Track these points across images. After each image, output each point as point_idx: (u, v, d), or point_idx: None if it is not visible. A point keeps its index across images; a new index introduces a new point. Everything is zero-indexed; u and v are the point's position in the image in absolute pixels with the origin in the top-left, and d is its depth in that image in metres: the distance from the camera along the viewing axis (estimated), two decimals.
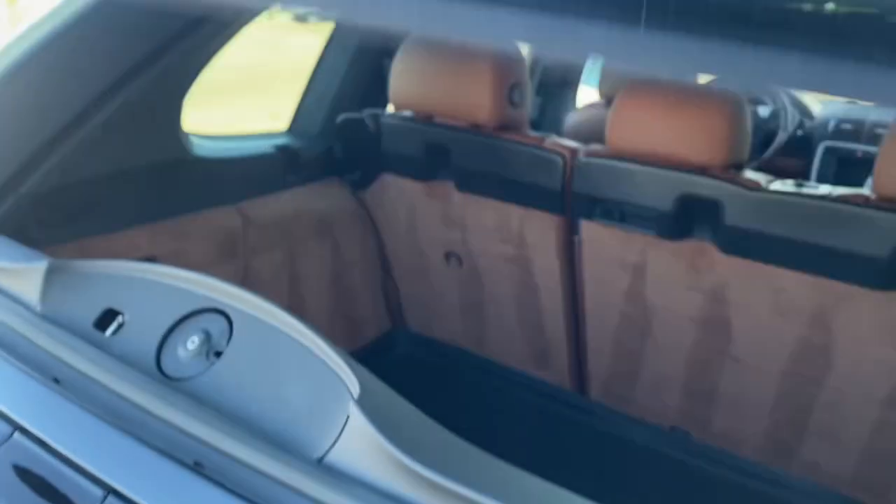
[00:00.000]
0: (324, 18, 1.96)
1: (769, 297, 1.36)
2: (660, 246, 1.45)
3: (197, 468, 0.63)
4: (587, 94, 2.87)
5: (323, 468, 0.65)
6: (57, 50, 1.19)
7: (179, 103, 1.40)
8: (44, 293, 0.79)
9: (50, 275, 0.80)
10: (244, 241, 1.58)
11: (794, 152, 3.06)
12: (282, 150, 1.72)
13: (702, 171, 1.36)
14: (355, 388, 0.67)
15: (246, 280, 1.61)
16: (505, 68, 1.53)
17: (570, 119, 2.50)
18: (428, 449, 0.65)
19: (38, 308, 0.79)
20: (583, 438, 1.76)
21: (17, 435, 0.68)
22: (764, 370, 1.45)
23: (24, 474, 0.70)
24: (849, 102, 3.26)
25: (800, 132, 3.01)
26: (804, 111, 3.08)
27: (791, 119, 3.00)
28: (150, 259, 1.41)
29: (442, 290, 1.91)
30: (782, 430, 1.49)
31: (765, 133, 3.00)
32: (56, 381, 0.71)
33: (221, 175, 1.56)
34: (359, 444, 0.64)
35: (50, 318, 0.78)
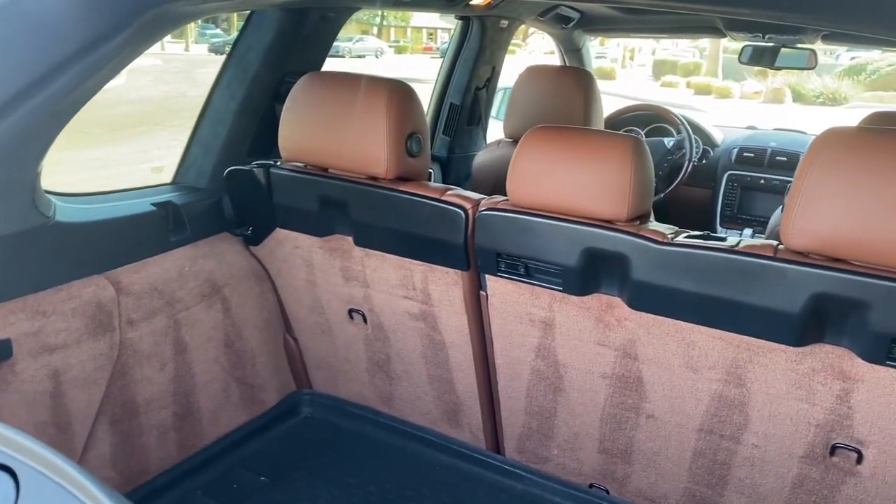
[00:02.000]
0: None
1: (681, 353, 1.31)
2: (567, 301, 1.39)
3: None
4: (497, 128, 2.83)
5: None
6: None
7: (35, 165, 1.24)
8: None
9: None
10: (118, 312, 1.43)
11: (699, 181, 3.10)
12: (163, 206, 1.58)
13: (606, 224, 1.30)
14: None
15: (122, 355, 1.45)
16: (403, 117, 1.44)
17: (479, 158, 2.44)
18: None
19: None
20: (498, 498, 1.67)
21: None
22: (680, 427, 1.40)
23: None
24: (748, 128, 3.35)
25: (704, 161, 3.05)
26: (707, 140, 3.13)
27: (695, 148, 3.04)
28: (3, 342, 1.24)
29: (346, 348, 1.80)
30: (702, 487, 1.44)
31: (671, 164, 3.03)
32: None
33: (90, 241, 1.40)
34: None
35: None
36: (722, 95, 17.83)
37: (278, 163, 1.65)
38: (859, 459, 1.23)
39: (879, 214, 1.04)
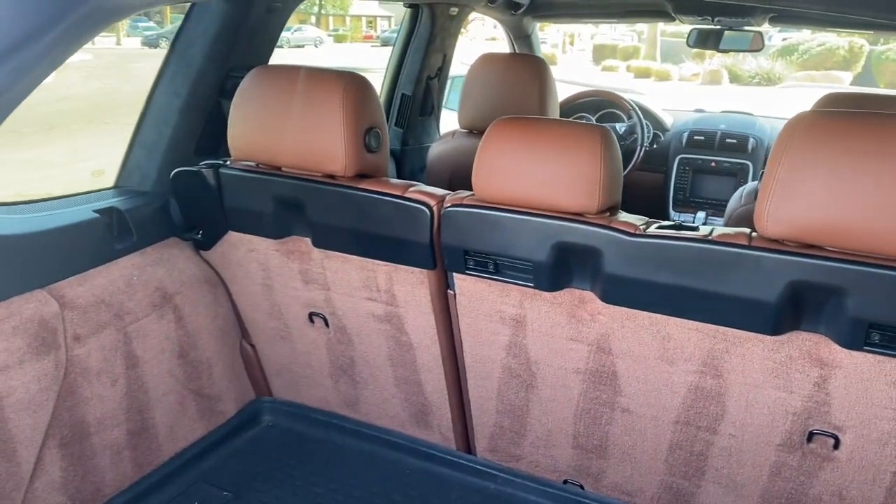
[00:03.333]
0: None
1: (656, 346, 1.28)
2: (538, 297, 1.35)
3: None
4: (450, 118, 2.78)
5: None
6: None
7: None
8: None
9: None
10: (63, 328, 1.33)
11: (651, 166, 3.11)
12: (106, 213, 1.48)
13: (576, 217, 1.27)
14: None
15: (69, 373, 1.36)
16: (360, 111, 1.38)
17: (434, 149, 2.38)
18: None
19: None
20: (472, 500, 1.64)
21: None
22: (656, 419, 1.38)
23: None
24: (696, 111, 3.37)
25: (655, 146, 3.06)
26: (658, 125, 3.14)
27: (647, 133, 3.04)
28: None
29: (308, 353, 1.73)
30: (679, 479, 1.43)
31: (623, 149, 3.03)
32: None
33: (28, 253, 1.30)
34: None
35: None
36: (661, 78, 18.12)
37: (228, 162, 1.57)
38: (836, 445, 1.23)
39: (853, 199, 1.02)
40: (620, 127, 3.06)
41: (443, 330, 1.51)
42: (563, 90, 3.35)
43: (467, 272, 1.39)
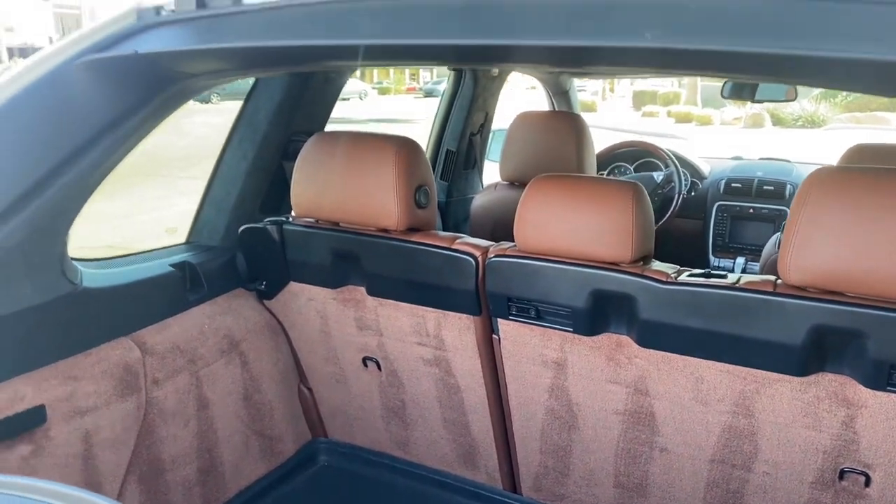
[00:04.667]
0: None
1: (690, 387, 1.36)
2: (578, 342, 1.44)
3: None
4: (492, 168, 2.91)
5: None
6: None
7: (64, 235, 1.30)
8: None
9: None
10: (144, 372, 1.47)
11: (690, 213, 3.19)
12: (180, 267, 1.63)
13: (611, 266, 1.37)
14: None
15: (149, 414, 1.49)
16: (410, 172, 1.51)
17: (477, 201, 2.51)
18: None
19: None
20: None
21: None
22: (693, 458, 1.44)
23: None
24: (734, 159, 3.45)
25: (693, 193, 3.14)
26: (695, 172, 3.22)
27: (684, 181, 3.13)
28: (38, 409, 1.28)
29: (361, 395, 1.84)
30: None
31: (661, 198, 3.12)
32: None
33: (114, 304, 1.45)
34: None
35: None
36: (703, 123, 18.15)
37: (290, 219, 1.71)
38: (867, 482, 1.28)
39: (869, 249, 1.10)
40: (658, 175, 3.15)
41: (488, 373, 1.61)
42: (604, 137, 3.48)
43: (510, 318, 1.49)
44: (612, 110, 21.56)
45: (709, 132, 16.16)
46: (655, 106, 20.91)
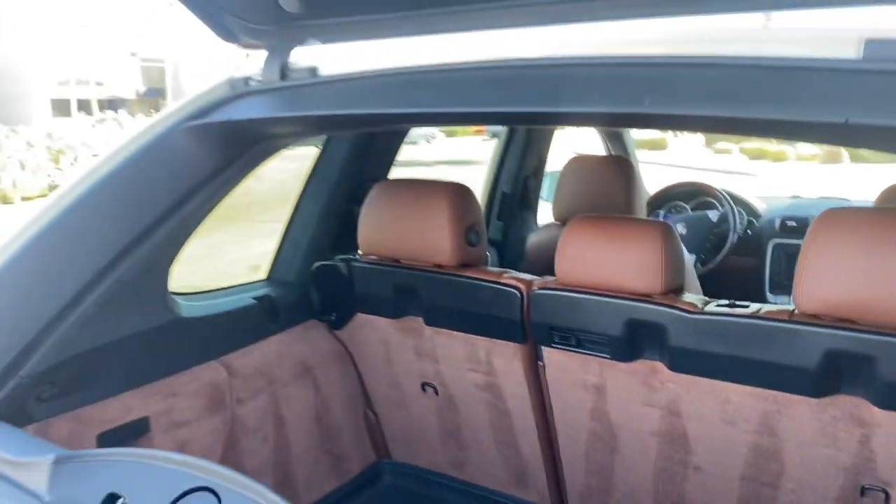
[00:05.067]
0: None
1: (718, 408, 1.48)
2: (615, 367, 1.58)
3: None
4: (548, 208, 3.07)
5: None
6: (51, 237, 1.33)
7: (166, 273, 1.53)
8: (51, 484, 0.89)
9: (55, 466, 0.90)
10: (230, 392, 1.68)
11: (748, 251, 3.26)
12: (261, 300, 1.85)
13: (644, 297, 1.50)
14: None
15: (233, 429, 1.69)
16: (462, 213, 1.69)
17: (531, 240, 2.67)
18: None
19: (46, 498, 0.88)
20: None
21: None
22: (724, 476, 1.55)
23: None
24: (793, 197, 3.51)
25: (749, 232, 3.21)
26: (750, 211, 3.30)
27: (739, 220, 3.21)
28: (143, 420, 1.50)
29: (421, 419, 2.01)
30: None
31: (717, 236, 3.21)
32: None
33: (206, 332, 1.67)
34: None
35: None
36: (777, 159, 17.81)
37: (357, 256, 1.91)
38: (887, 499, 1.37)
39: (874, 282, 1.22)
40: (713, 214, 3.25)
41: (535, 397, 1.76)
42: (672, 175, 3.59)
43: (553, 346, 1.64)
44: (684, 147, 21.38)
45: (782, 168, 15.86)
46: (728, 143, 20.62)
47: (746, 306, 1.44)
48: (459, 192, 1.71)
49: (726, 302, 1.48)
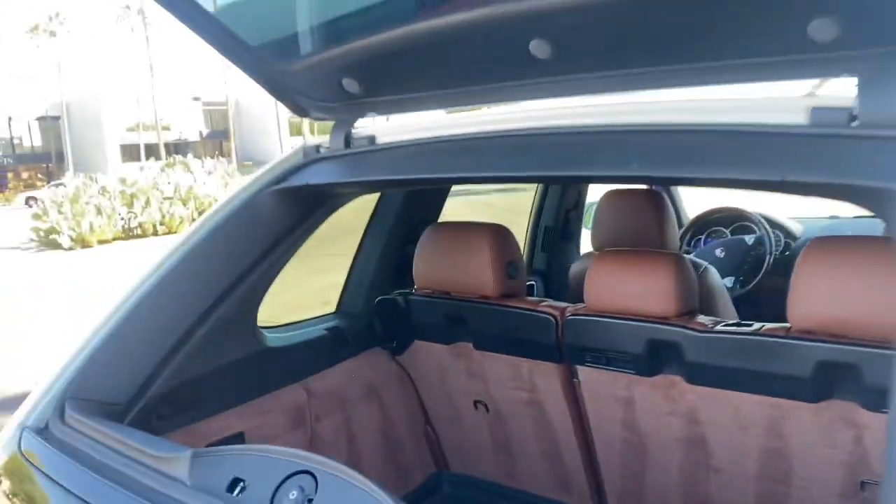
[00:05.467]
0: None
1: (731, 415, 1.69)
2: (640, 382, 1.80)
3: None
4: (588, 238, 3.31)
5: None
6: (167, 284, 1.64)
7: (255, 310, 1.83)
8: (190, 472, 1.17)
9: (193, 459, 1.19)
10: (309, 411, 1.96)
11: (783, 272, 3.41)
12: (332, 330, 2.14)
13: (662, 319, 1.73)
14: None
15: (312, 444, 1.98)
16: (501, 251, 1.95)
17: (573, 269, 2.90)
18: None
19: (188, 482, 1.17)
20: None
21: None
22: (741, 476, 1.75)
23: None
24: (831, 218, 3.66)
25: (787, 253, 3.38)
26: (787, 233, 3.47)
27: (775, 242, 3.38)
28: (240, 434, 1.80)
29: (474, 433, 2.25)
30: None
31: (753, 258, 3.38)
32: None
33: (288, 359, 1.96)
34: None
35: (196, 488, 1.15)
36: None
37: (414, 291, 2.19)
38: None
39: (857, 301, 1.42)
40: (749, 238, 3.44)
41: (573, 411, 1.99)
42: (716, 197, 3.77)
43: (586, 364, 1.87)
44: None
45: None
46: None
47: (750, 325, 1.66)
48: (499, 233, 1.98)
49: (733, 322, 1.70)
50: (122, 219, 18.34)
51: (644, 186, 3.55)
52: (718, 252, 3.49)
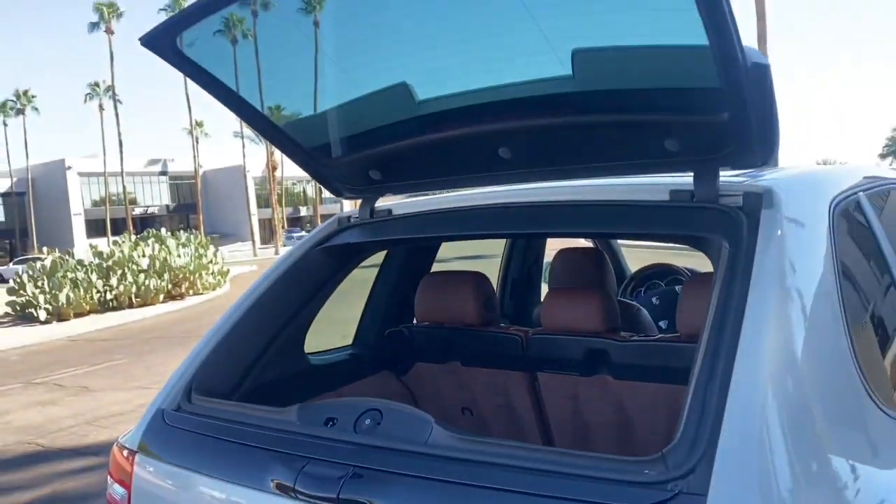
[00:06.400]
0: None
1: (648, 401, 2.40)
2: (583, 381, 2.51)
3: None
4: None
5: None
6: (249, 317, 2.32)
7: (304, 337, 2.51)
8: (298, 417, 1.82)
9: (299, 411, 1.83)
10: None
11: None
12: (351, 356, 2.82)
13: (595, 334, 2.46)
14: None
15: None
16: (481, 289, 2.68)
17: (536, 312, 3.64)
18: None
19: (297, 423, 1.81)
20: None
21: None
22: (659, 446, 2.45)
23: None
24: None
25: None
26: None
27: None
28: None
29: None
30: None
31: None
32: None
33: (323, 375, 2.64)
34: None
35: (303, 424, 1.81)
36: None
37: (415, 323, 2.89)
38: None
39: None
40: (679, 288, 4.21)
41: (535, 409, 2.68)
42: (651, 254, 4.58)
43: (544, 371, 2.58)
44: None
45: None
46: None
47: (657, 335, 2.39)
48: (478, 277, 2.71)
49: (643, 335, 2.43)
50: (99, 292, 18.67)
51: (589, 245, 4.35)
52: (654, 300, 4.26)
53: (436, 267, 3.28)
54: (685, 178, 1.86)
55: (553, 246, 4.20)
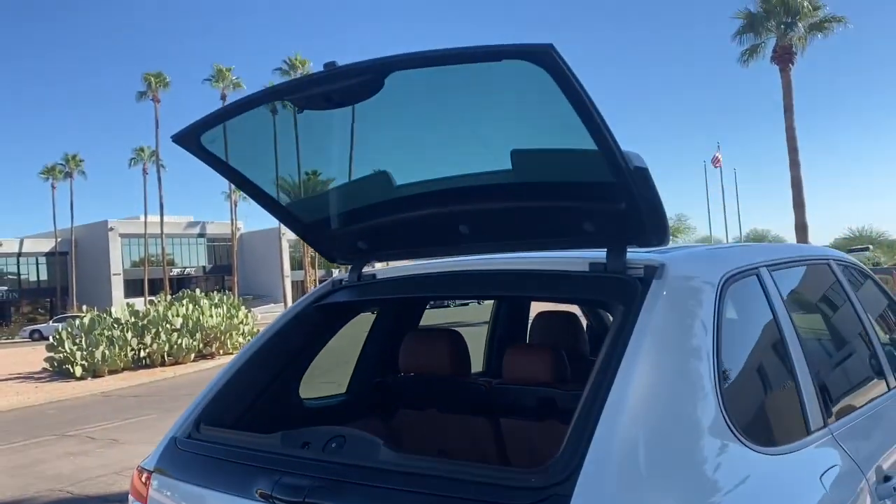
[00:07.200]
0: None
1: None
2: (536, 426, 2.89)
3: None
4: None
5: None
6: (252, 362, 2.76)
7: (300, 382, 2.94)
8: (281, 440, 2.25)
9: (282, 435, 2.27)
10: None
11: None
12: (343, 403, 3.24)
13: (545, 384, 2.85)
14: None
15: None
16: (457, 344, 3.10)
17: None
18: None
19: (280, 445, 2.24)
20: None
21: None
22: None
23: None
24: None
25: None
26: None
27: None
28: None
29: None
30: None
31: None
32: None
33: (319, 417, 3.05)
34: None
35: (283, 445, 2.23)
36: None
37: (401, 374, 3.31)
38: None
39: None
40: None
41: (499, 450, 3.06)
42: None
43: (507, 416, 2.97)
44: None
45: None
46: None
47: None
48: (453, 334, 3.14)
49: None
50: (133, 349, 19.33)
51: (566, 309, 4.74)
52: None
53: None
54: (602, 252, 2.28)
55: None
